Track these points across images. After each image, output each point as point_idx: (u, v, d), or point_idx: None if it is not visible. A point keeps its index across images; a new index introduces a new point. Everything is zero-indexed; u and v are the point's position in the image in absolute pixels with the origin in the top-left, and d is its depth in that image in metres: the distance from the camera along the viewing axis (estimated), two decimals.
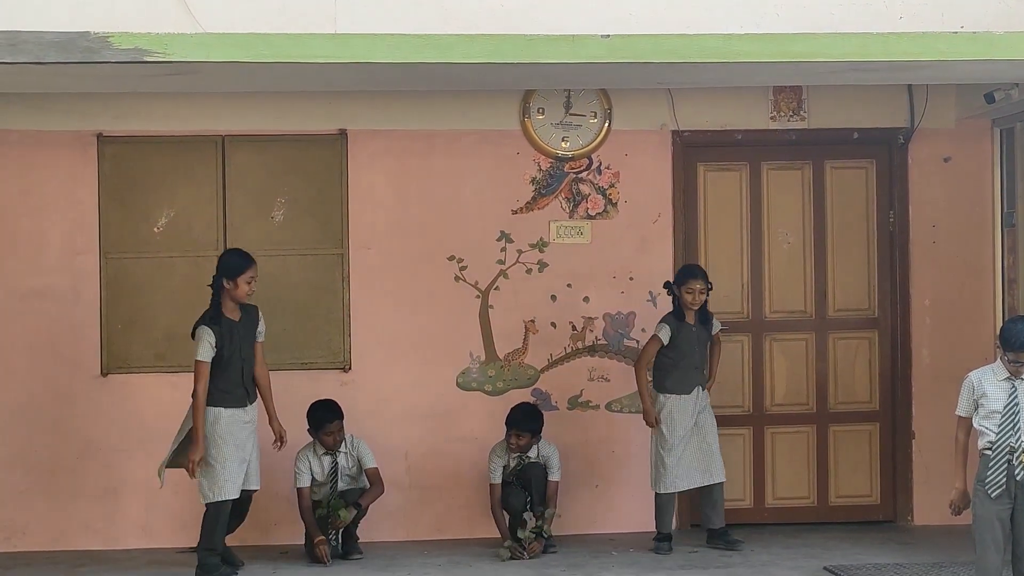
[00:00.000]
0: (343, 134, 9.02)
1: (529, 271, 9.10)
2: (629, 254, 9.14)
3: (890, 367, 9.32)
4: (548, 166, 9.11)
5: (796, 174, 9.35)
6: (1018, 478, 6.52)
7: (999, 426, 6.54)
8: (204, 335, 7.74)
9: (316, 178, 9.01)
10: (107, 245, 8.89)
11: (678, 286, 8.48)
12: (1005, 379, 6.59)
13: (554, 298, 9.11)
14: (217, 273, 7.88)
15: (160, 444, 8.57)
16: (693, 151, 9.23)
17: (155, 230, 8.93)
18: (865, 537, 8.82)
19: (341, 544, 8.36)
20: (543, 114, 9.07)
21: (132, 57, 6.81)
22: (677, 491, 8.52)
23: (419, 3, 6.96)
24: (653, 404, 8.48)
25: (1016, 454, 6.51)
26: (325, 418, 8.34)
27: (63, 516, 8.83)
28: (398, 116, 8.98)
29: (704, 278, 8.46)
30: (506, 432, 8.52)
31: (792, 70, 7.89)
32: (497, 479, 8.52)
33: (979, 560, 6.65)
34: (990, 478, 6.55)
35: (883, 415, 9.33)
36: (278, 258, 8.84)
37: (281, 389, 8.17)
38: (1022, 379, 6.56)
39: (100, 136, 8.89)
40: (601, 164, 9.14)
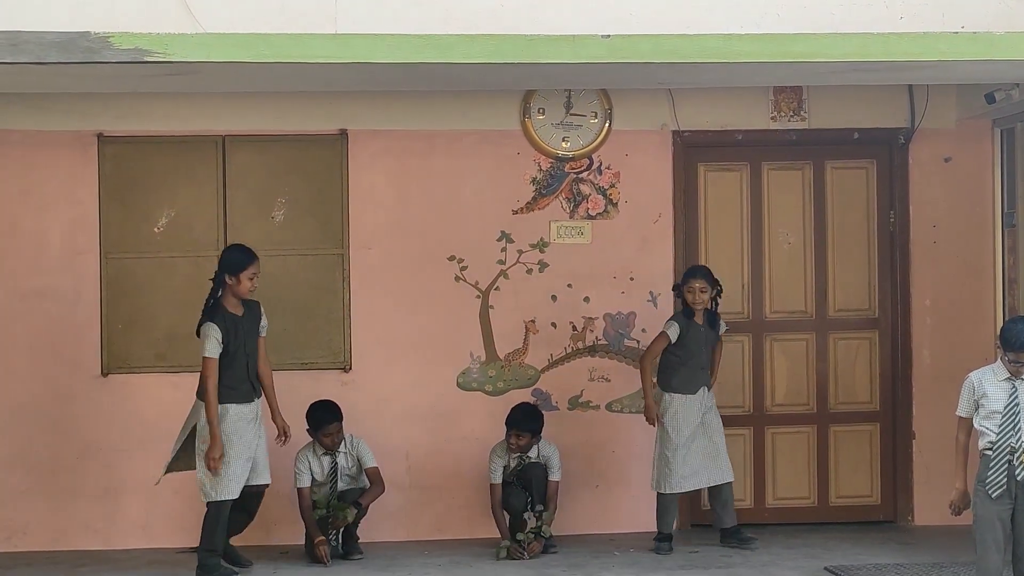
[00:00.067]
0: (343, 134, 9.02)
1: (529, 271, 9.09)
2: (630, 254, 9.14)
3: (890, 367, 9.32)
4: (548, 166, 9.11)
5: (797, 174, 9.35)
6: (1019, 478, 6.52)
7: (999, 426, 6.54)
8: (210, 331, 7.68)
9: (316, 178, 9.01)
10: (108, 245, 8.89)
11: (681, 285, 8.52)
12: (1005, 379, 6.59)
13: (554, 298, 9.11)
14: (219, 268, 7.85)
15: (161, 444, 8.57)
16: (694, 151, 9.23)
17: (156, 230, 8.93)
18: (866, 537, 8.81)
19: (341, 544, 8.36)
20: (543, 114, 9.07)
21: (133, 57, 6.81)
22: (682, 491, 8.53)
23: (419, 3, 6.95)
24: (657, 402, 8.49)
25: (1016, 454, 6.51)
26: (324, 419, 8.33)
27: (63, 516, 8.83)
28: (398, 116, 8.98)
29: (706, 278, 8.47)
30: (506, 432, 8.51)
31: (792, 70, 7.89)
32: (497, 479, 8.52)
33: (980, 560, 6.65)
34: (991, 478, 6.55)
35: (883, 415, 9.33)
36: (278, 258, 8.84)
37: (282, 389, 8.15)
38: (1022, 379, 6.57)
39: (101, 136, 8.89)
40: (602, 164, 9.14)
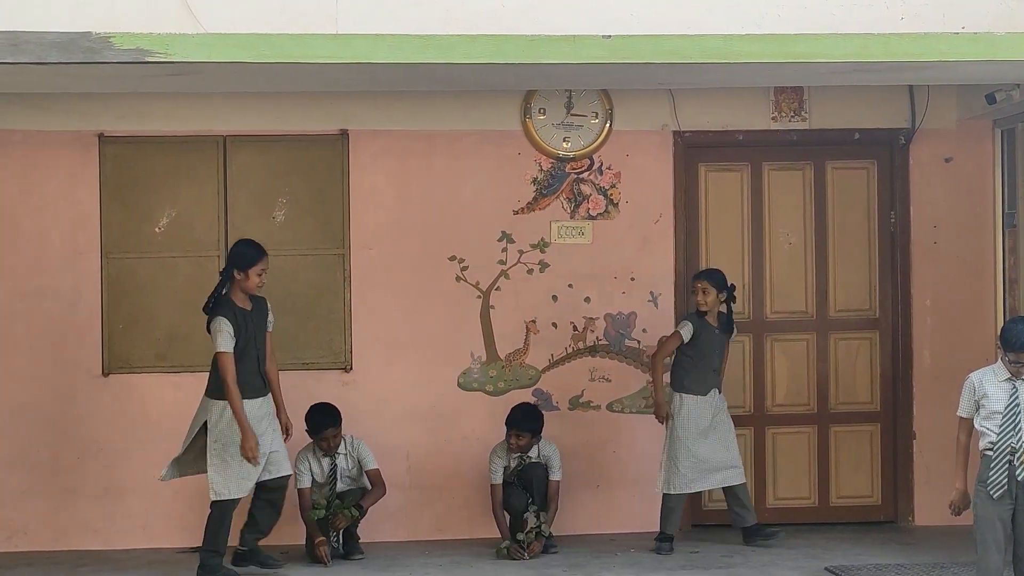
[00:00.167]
0: (344, 134, 9.02)
1: (530, 271, 9.09)
2: (630, 254, 9.14)
3: (891, 368, 9.32)
4: (549, 166, 9.11)
5: (797, 174, 9.35)
6: (1019, 478, 6.52)
7: (1000, 427, 6.54)
8: (222, 325, 7.62)
9: (317, 178, 9.01)
10: (108, 245, 8.90)
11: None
12: (1006, 380, 6.58)
13: (555, 298, 9.11)
14: (228, 263, 7.83)
15: (161, 444, 8.58)
16: (694, 151, 9.23)
17: (156, 230, 8.93)
18: (866, 537, 8.81)
19: (342, 544, 8.36)
20: (544, 114, 9.07)
21: (133, 57, 6.81)
22: (690, 492, 8.53)
23: (420, 3, 6.96)
24: (668, 402, 8.49)
25: (1017, 455, 6.51)
26: (323, 423, 8.32)
27: (64, 516, 8.83)
28: (399, 116, 8.98)
29: (709, 279, 8.48)
30: (506, 432, 8.51)
31: (793, 71, 7.89)
32: (498, 480, 8.51)
33: (980, 561, 6.65)
34: (991, 479, 6.55)
35: (884, 416, 9.33)
36: (279, 258, 8.81)
37: (282, 389, 8.13)
38: (1023, 380, 6.57)
39: (101, 136, 8.89)
40: (602, 164, 9.14)
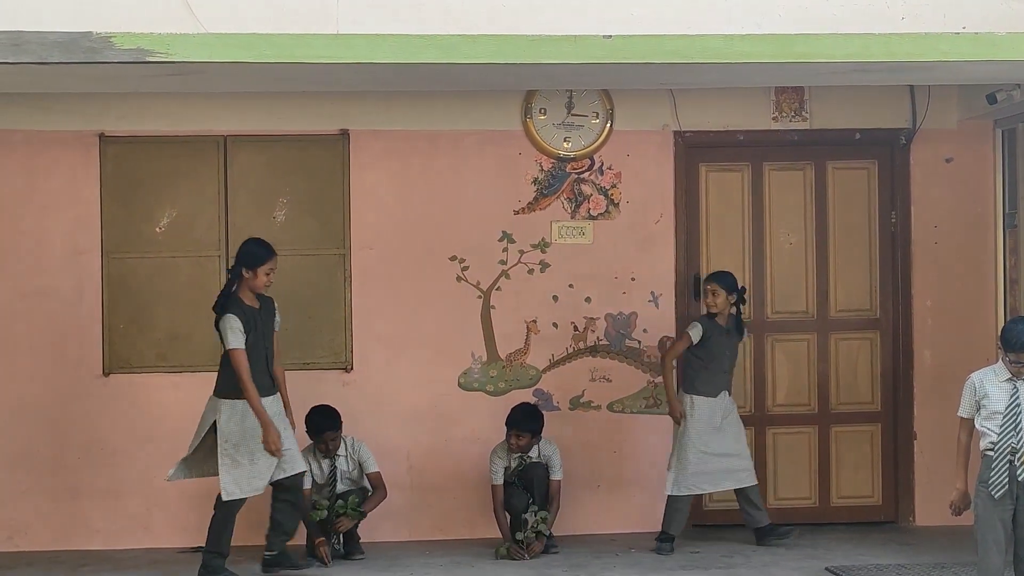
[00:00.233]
0: (345, 134, 9.02)
1: (531, 271, 9.09)
2: (631, 254, 9.14)
3: (892, 368, 9.32)
4: (550, 166, 9.11)
5: (798, 175, 9.35)
6: (1020, 479, 6.51)
7: (1000, 427, 6.53)
8: (232, 323, 7.59)
9: (318, 178, 9.02)
10: (109, 245, 8.90)
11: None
12: (1007, 380, 6.58)
13: (556, 298, 9.11)
14: (237, 261, 7.80)
15: (162, 444, 8.60)
16: (695, 151, 9.23)
17: (157, 230, 8.94)
18: (867, 538, 8.82)
19: (343, 544, 8.36)
20: (545, 114, 9.07)
21: (135, 57, 6.80)
22: (698, 493, 8.53)
23: (421, 3, 6.95)
24: (679, 403, 8.49)
25: (1017, 455, 6.50)
26: (322, 426, 8.31)
27: (65, 516, 8.83)
28: (400, 116, 8.98)
29: (719, 282, 8.49)
30: (506, 433, 8.51)
31: (794, 71, 7.89)
32: (498, 480, 8.51)
33: (981, 561, 6.64)
34: (992, 479, 6.55)
35: (885, 416, 9.33)
36: (280, 258, 8.79)
37: None
38: (1023, 380, 6.57)
39: (102, 136, 8.89)
40: (603, 164, 9.14)
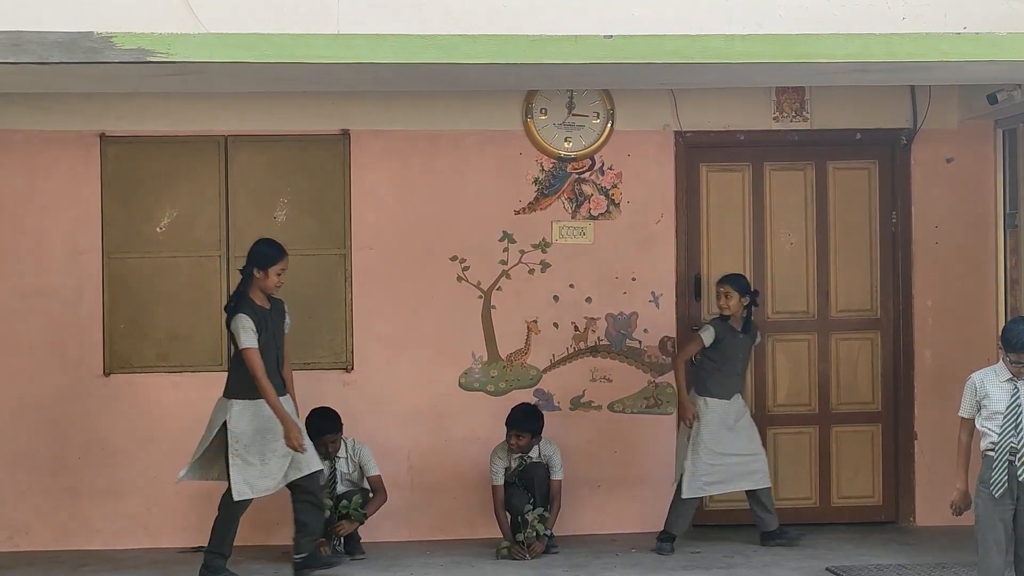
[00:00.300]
0: (345, 134, 9.02)
1: (531, 271, 9.09)
2: (631, 255, 9.14)
3: (892, 368, 9.32)
4: (551, 166, 9.11)
5: (799, 175, 9.35)
6: (1020, 479, 6.51)
7: (1001, 427, 6.54)
8: (244, 322, 7.56)
9: (318, 178, 9.01)
10: (110, 245, 8.90)
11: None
12: (1007, 380, 6.58)
13: (556, 298, 9.10)
14: (248, 262, 7.78)
15: (162, 444, 8.61)
16: (696, 152, 9.23)
17: (158, 230, 8.93)
18: (867, 538, 8.81)
19: (343, 544, 8.36)
20: (546, 114, 9.07)
21: (135, 57, 6.80)
22: (709, 495, 8.52)
23: (422, 3, 6.95)
24: (692, 404, 8.49)
25: (1018, 455, 6.50)
26: (322, 428, 8.30)
27: (65, 515, 8.83)
28: (400, 116, 8.97)
29: (732, 284, 8.49)
30: (506, 433, 8.51)
31: (795, 71, 7.89)
32: (499, 481, 8.51)
33: (981, 561, 6.64)
34: (993, 479, 6.55)
35: (885, 416, 9.33)
36: None
37: None
38: None
39: (103, 136, 8.89)
40: (603, 164, 9.14)
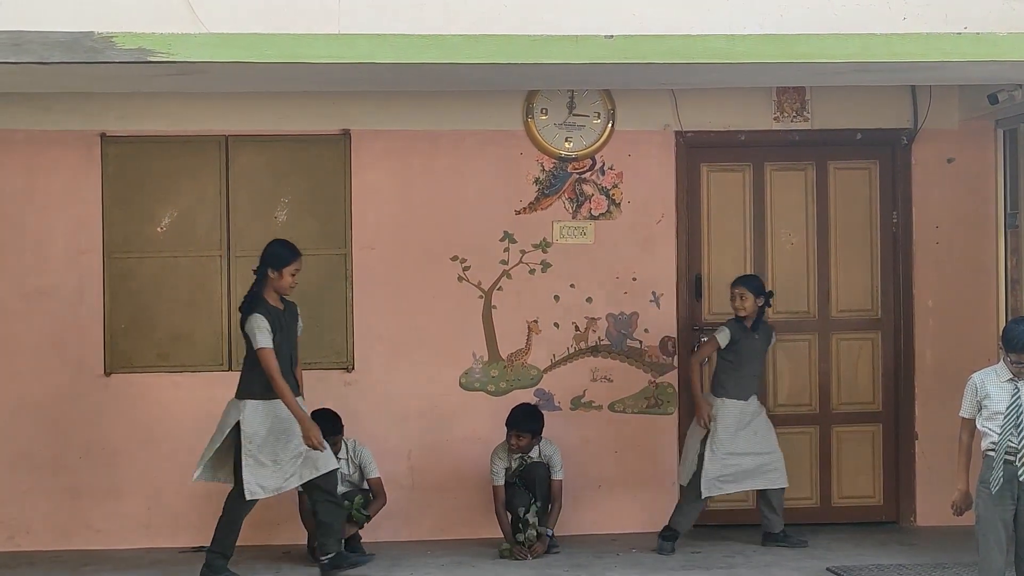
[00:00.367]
0: (346, 134, 9.02)
1: (532, 271, 9.09)
2: (632, 254, 9.14)
3: (893, 368, 9.32)
4: (551, 166, 9.11)
5: (799, 175, 9.35)
6: (1021, 479, 6.51)
7: (1001, 427, 6.53)
8: (259, 322, 7.57)
9: (319, 178, 9.01)
10: (111, 245, 8.90)
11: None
12: (1008, 380, 6.58)
13: (557, 298, 9.11)
14: (262, 262, 7.79)
15: (163, 444, 8.62)
16: (696, 152, 9.23)
17: (158, 230, 8.93)
18: (868, 538, 8.82)
19: (344, 545, 8.35)
20: (546, 115, 9.07)
21: (136, 57, 6.80)
22: (720, 494, 8.50)
23: (422, 3, 6.95)
24: (710, 407, 8.47)
25: (1018, 455, 6.50)
26: (324, 429, 8.23)
27: (66, 515, 8.83)
28: (401, 116, 8.98)
29: (746, 285, 8.48)
30: (506, 433, 8.51)
31: (795, 71, 7.89)
32: (499, 481, 8.50)
33: (982, 561, 6.64)
34: (994, 478, 6.55)
35: (886, 416, 9.33)
36: None
37: None
38: None
39: (104, 136, 8.89)
40: (604, 164, 9.14)
